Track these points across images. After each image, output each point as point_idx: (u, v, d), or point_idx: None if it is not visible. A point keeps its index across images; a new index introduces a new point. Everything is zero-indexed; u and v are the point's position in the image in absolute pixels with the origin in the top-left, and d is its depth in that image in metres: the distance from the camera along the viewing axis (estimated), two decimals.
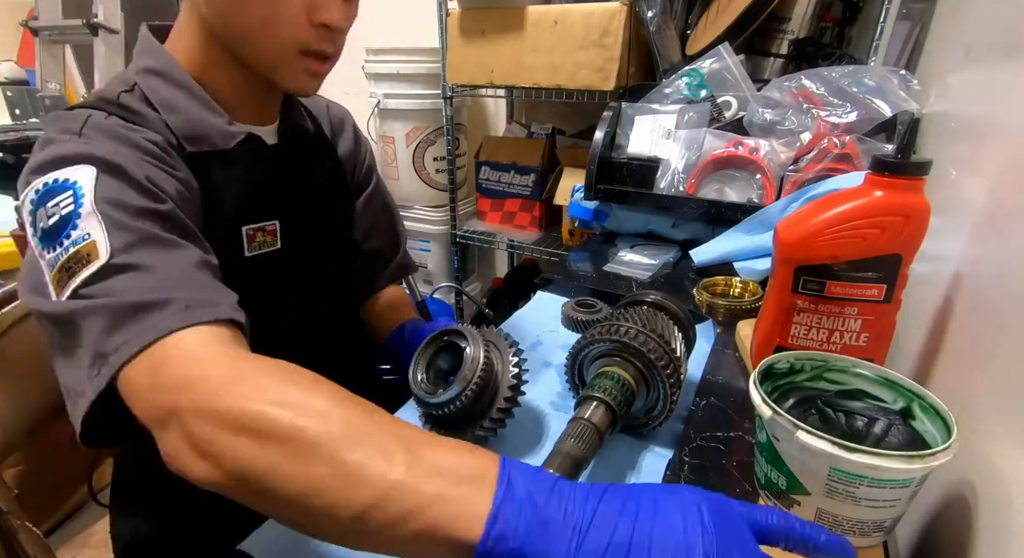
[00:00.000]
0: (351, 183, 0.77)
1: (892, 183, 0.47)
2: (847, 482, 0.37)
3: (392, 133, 1.68)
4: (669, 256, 0.98)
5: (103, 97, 0.53)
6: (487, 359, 0.51)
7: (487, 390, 0.52)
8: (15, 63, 2.19)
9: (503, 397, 0.52)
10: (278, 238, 0.61)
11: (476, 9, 1.35)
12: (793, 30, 1.17)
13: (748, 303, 0.76)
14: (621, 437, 0.56)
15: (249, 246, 0.58)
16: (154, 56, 0.56)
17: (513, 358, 0.54)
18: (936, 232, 0.49)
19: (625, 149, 1.05)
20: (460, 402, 0.50)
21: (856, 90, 0.88)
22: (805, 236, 0.51)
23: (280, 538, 0.44)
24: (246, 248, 0.58)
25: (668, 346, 0.52)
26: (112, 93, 0.53)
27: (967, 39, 0.71)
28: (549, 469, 0.41)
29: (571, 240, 1.50)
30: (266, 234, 0.60)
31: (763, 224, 0.86)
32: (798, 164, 0.89)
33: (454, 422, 0.53)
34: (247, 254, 0.58)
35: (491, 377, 0.52)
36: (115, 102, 0.52)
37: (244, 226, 0.58)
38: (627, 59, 1.21)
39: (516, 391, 0.53)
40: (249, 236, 0.58)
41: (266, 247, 0.60)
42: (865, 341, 0.53)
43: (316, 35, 0.53)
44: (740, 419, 0.55)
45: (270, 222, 0.60)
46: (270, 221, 0.60)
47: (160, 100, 0.54)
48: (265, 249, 0.60)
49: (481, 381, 0.50)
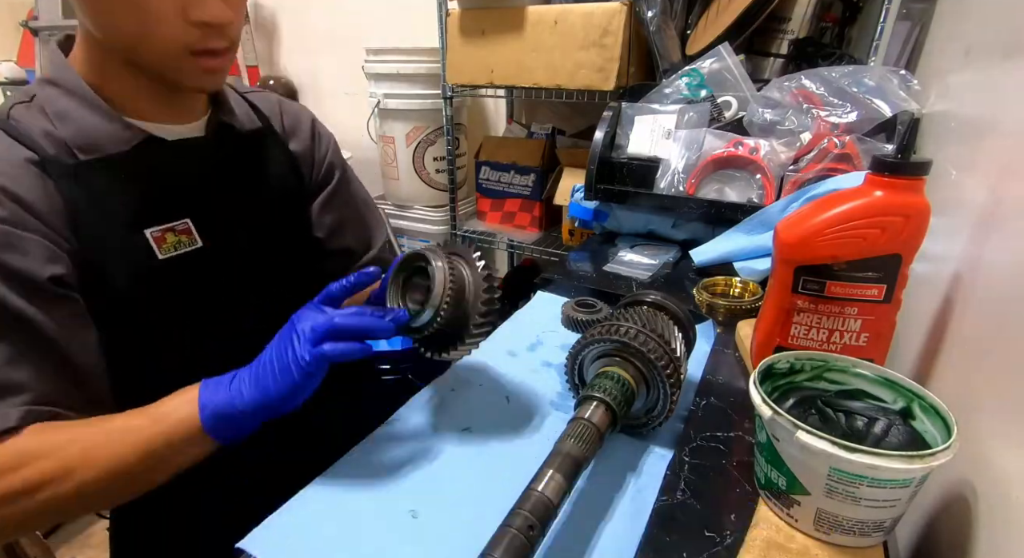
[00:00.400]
0: (308, 182, 0.75)
1: (892, 183, 0.47)
2: (847, 482, 0.37)
3: (392, 133, 1.68)
4: (669, 256, 0.98)
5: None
6: (453, 270, 0.51)
7: (463, 300, 0.52)
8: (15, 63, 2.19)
9: (480, 301, 0.52)
10: (196, 236, 0.59)
11: (476, 9, 1.35)
12: (793, 30, 1.17)
13: (748, 303, 0.76)
14: (621, 437, 0.56)
15: (160, 248, 0.56)
16: (55, 66, 0.55)
17: (480, 262, 0.54)
18: (936, 232, 0.49)
19: (625, 149, 1.05)
20: (440, 318, 0.50)
21: (856, 90, 0.88)
22: (805, 236, 0.51)
23: (279, 537, 0.44)
24: (157, 252, 0.56)
25: (668, 346, 0.52)
26: (6, 106, 0.54)
27: (967, 39, 0.71)
28: (549, 469, 0.41)
29: (571, 240, 1.50)
30: (178, 234, 0.58)
31: (763, 224, 0.85)
32: (798, 164, 0.89)
33: (444, 338, 0.53)
34: (161, 257, 0.56)
35: (463, 285, 0.52)
36: (4, 115, 0.53)
37: (147, 229, 0.56)
38: (627, 59, 1.21)
39: (492, 292, 0.53)
40: (156, 238, 0.56)
41: (183, 247, 0.58)
42: (865, 341, 0.53)
43: (199, 34, 0.51)
44: (740, 419, 0.55)
45: (179, 221, 0.58)
46: (179, 221, 0.58)
47: (54, 111, 0.53)
48: (183, 249, 0.58)
49: (452, 292, 0.50)
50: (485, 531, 0.37)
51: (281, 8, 2.12)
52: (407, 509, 0.47)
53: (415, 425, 0.58)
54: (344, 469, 0.52)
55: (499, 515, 0.38)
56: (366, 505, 0.47)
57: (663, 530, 0.43)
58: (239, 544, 0.44)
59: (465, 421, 0.58)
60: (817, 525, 0.40)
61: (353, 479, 0.50)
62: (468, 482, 0.50)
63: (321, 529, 0.45)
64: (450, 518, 0.46)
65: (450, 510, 0.47)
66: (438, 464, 0.52)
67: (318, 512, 0.47)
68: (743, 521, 0.43)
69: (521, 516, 0.37)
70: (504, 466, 0.52)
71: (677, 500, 0.45)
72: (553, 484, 0.40)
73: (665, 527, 0.43)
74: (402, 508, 0.47)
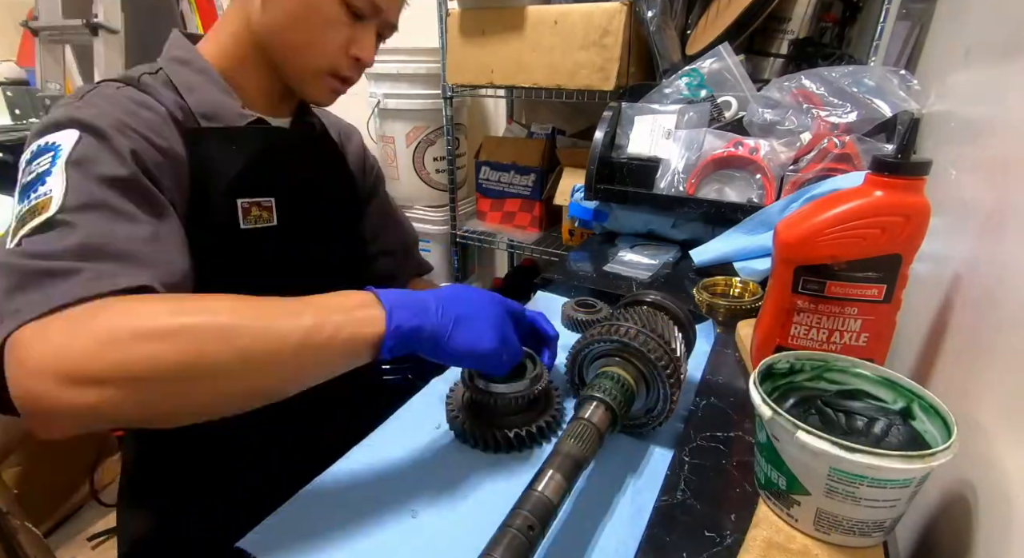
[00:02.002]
0: (360, 188, 0.82)
1: (892, 183, 0.47)
2: (847, 482, 0.37)
3: (392, 133, 1.68)
4: (669, 256, 0.98)
5: (126, 75, 0.59)
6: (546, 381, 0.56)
7: (539, 402, 0.57)
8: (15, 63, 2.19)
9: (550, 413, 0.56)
10: (274, 215, 0.64)
11: (476, 9, 1.35)
12: (793, 30, 1.17)
13: (748, 303, 0.76)
14: (621, 437, 0.56)
15: (244, 218, 0.61)
16: (183, 50, 0.62)
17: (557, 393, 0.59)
18: (936, 232, 0.49)
19: (625, 149, 1.05)
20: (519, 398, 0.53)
21: (856, 90, 0.88)
22: (805, 236, 0.51)
23: (279, 537, 0.44)
24: (241, 220, 0.61)
25: (668, 346, 0.52)
26: (135, 73, 0.59)
27: (967, 39, 0.71)
28: (549, 469, 0.41)
29: (571, 240, 1.50)
30: (262, 209, 0.63)
31: (763, 224, 0.85)
32: (798, 164, 0.89)
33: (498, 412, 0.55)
34: (243, 226, 0.61)
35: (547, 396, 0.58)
36: (135, 79, 0.57)
37: (240, 199, 0.61)
38: (627, 59, 1.21)
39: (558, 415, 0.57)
40: (244, 209, 0.61)
41: (262, 222, 0.63)
42: (865, 341, 0.53)
43: (348, 64, 0.63)
44: (740, 419, 0.55)
45: (266, 198, 0.63)
46: (266, 198, 0.63)
47: (181, 82, 0.60)
48: (261, 224, 0.63)
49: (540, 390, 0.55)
50: (485, 531, 0.37)
51: None
52: (407, 509, 0.47)
53: (415, 425, 0.58)
54: (344, 469, 0.52)
55: (499, 515, 0.38)
56: (366, 505, 0.47)
57: (663, 530, 0.43)
58: (239, 544, 0.44)
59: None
60: (817, 525, 0.40)
61: (353, 479, 0.50)
62: (468, 482, 0.50)
63: (321, 529, 0.45)
64: (450, 518, 0.46)
65: (450, 510, 0.47)
66: (438, 464, 0.52)
67: (318, 512, 0.47)
68: (743, 521, 0.43)
69: (521, 516, 0.37)
70: (504, 466, 0.52)
71: (677, 500, 0.45)
72: (553, 484, 0.40)
73: (665, 527, 0.43)
74: (402, 508, 0.47)
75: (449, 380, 0.65)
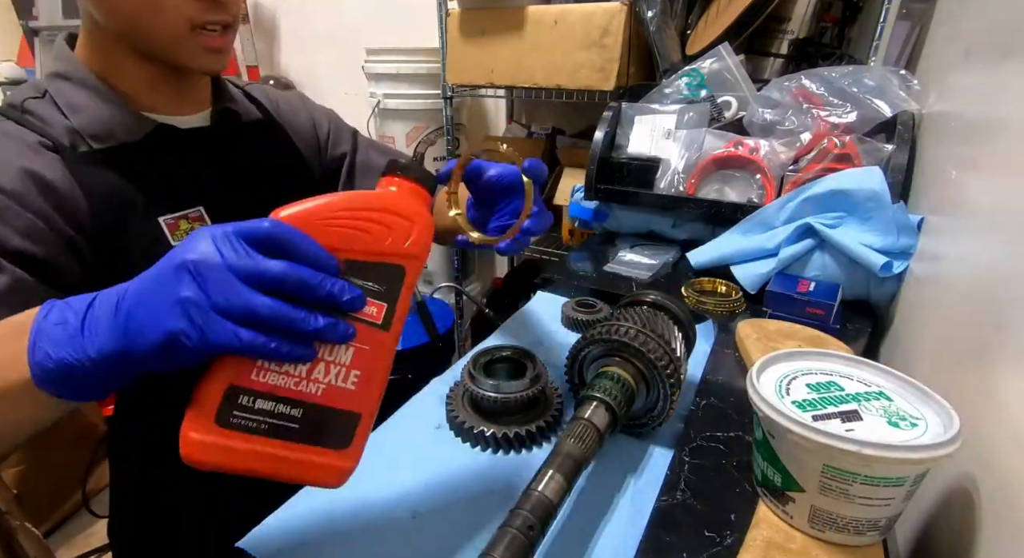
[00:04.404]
0: (319, 164, 0.76)
1: (403, 185, 0.41)
2: (840, 479, 0.37)
3: (392, 133, 1.68)
4: (669, 256, 0.98)
5: (8, 103, 0.55)
6: (546, 381, 0.58)
7: (539, 401, 0.57)
8: (15, 63, 2.19)
9: (550, 414, 0.56)
10: (208, 222, 0.59)
11: (476, 9, 1.35)
12: (793, 30, 1.17)
13: (735, 302, 0.77)
14: (621, 437, 0.56)
15: (173, 235, 0.57)
16: (64, 61, 0.57)
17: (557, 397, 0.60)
18: (936, 232, 0.49)
19: (625, 149, 1.05)
20: (520, 397, 0.54)
21: (856, 90, 0.88)
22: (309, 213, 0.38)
23: (279, 537, 0.44)
24: (170, 237, 0.57)
25: (668, 346, 0.52)
26: (18, 99, 0.55)
27: (967, 39, 0.71)
28: (549, 469, 0.41)
29: (571, 240, 1.50)
30: (191, 221, 0.59)
31: (760, 225, 0.85)
32: (798, 164, 0.89)
33: (500, 411, 0.56)
34: (173, 243, 0.57)
35: (547, 397, 0.59)
36: (18, 107, 0.54)
37: (160, 217, 0.57)
38: (627, 59, 1.21)
39: (557, 416, 0.57)
40: (170, 225, 0.57)
41: None
42: (354, 383, 0.37)
43: (201, 7, 0.53)
44: (740, 419, 0.55)
45: (193, 209, 0.59)
46: (193, 209, 0.59)
47: (66, 103, 0.55)
48: None
49: (541, 390, 0.56)
50: (485, 531, 0.37)
51: (281, 8, 2.12)
52: (407, 509, 0.47)
53: (415, 425, 0.58)
54: None
55: (499, 515, 0.38)
56: (366, 505, 0.47)
57: (663, 530, 0.43)
58: (239, 544, 0.44)
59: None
60: (812, 522, 0.40)
61: (353, 479, 0.50)
62: (468, 482, 0.50)
63: (321, 529, 0.45)
64: (450, 518, 0.46)
65: (450, 510, 0.47)
66: (438, 464, 0.52)
67: (318, 512, 0.47)
68: (743, 521, 0.43)
69: (521, 516, 0.37)
70: (504, 466, 0.52)
71: (677, 500, 0.45)
72: (553, 484, 0.40)
73: (665, 527, 0.43)
74: (402, 508, 0.47)
75: (449, 380, 0.65)
